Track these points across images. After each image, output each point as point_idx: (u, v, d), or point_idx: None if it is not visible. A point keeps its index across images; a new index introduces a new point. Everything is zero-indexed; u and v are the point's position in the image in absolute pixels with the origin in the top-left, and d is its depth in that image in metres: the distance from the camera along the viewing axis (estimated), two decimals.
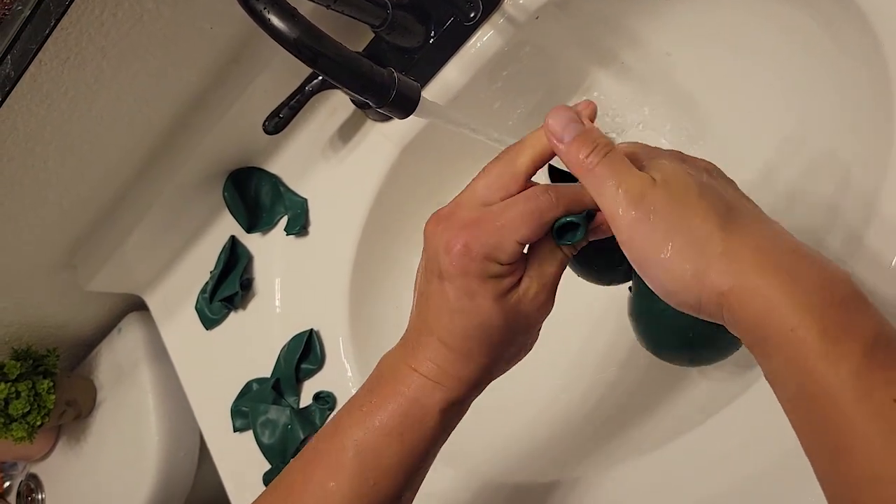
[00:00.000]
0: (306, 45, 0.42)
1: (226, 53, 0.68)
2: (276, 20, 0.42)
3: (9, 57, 0.52)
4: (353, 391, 0.66)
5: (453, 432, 0.39)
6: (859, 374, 0.27)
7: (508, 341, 0.37)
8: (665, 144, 0.64)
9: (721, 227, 0.31)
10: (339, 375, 0.68)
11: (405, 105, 0.46)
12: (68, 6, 0.51)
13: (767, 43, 0.56)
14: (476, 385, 0.38)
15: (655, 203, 0.32)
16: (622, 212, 0.32)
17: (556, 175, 0.43)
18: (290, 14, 0.42)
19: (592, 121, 0.38)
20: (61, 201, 0.74)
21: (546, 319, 0.39)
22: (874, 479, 0.26)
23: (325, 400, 0.68)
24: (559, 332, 0.62)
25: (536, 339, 0.40)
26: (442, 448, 0.39)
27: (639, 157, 0.37)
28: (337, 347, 0.69)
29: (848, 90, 0.50)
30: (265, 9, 0.42)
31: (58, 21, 0.51)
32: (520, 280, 0.36)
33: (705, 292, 0.31)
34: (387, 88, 0.44)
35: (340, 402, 0.67)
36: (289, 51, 0.42)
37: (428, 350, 0.37)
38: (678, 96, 0.64)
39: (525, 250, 0.37)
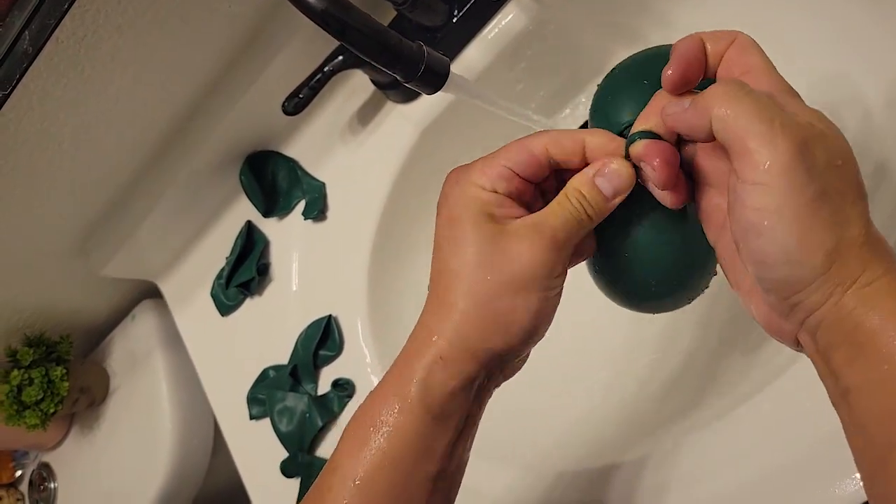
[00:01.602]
0: (334, 16, 0.41)
1: (244, 33, 0.67)
2: None
3: (26, 32, 0.51)
4: (372, 378, 0.66)
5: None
6: None
7: (495, 288, 0.32)
8: None
9: (866, 212, 0.28)
10: (358, 362, 0.67)
11: (434, 79, 0.44)
12: None
13: (804, 21, 0.55)
14: (460, 346, 0.32)
15: (816, 155, 0.28)
16: (777, 151, 0.27)
17: None
18: None
19: None
20: (75, 185, 0.73)
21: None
22: None
23: (343, 387, 0.67)
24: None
25: (548, 311, 0.34)
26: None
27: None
28: (356, 334, 0.68)
29: None
30: None
31: None
32: (515, 220, 0.33)
33: (827, 277, 0.27)
34: (416, 62, 0.43)
35: (359, 389, 0.66)
36: (316, 22, 0.41)
37: (423, 313, 0.35)
38: None
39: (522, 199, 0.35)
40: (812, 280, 0.28)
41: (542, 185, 0.36)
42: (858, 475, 0.29)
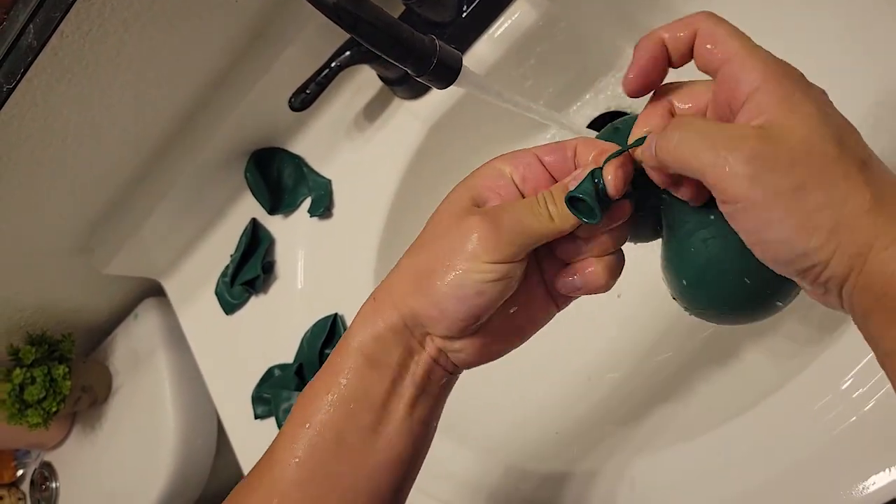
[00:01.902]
0: (346, 9, 0.40)
1: (250, 28, 0.66)
2: None
3: (31, 26, 0.50)
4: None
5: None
6: None
7: (433, 255, 0.34)
8: None
9: (870, 177, 0.28)
10: None
11: (447, 74, 0.44)
12: None
13: (820, 15, 0.54)
14: (390, 297, 0.34)
15: (777, 157, 0.27)
16: (733, 174, 0.28)
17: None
18: None
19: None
20: (78, 181, 0.72)
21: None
22: None
23: None
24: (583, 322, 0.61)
25: (469, 298, 0.33)
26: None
27: (734, 99, 0.30)
28: None
29: None
30: None
31: None
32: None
33: (840, 252, 0.27)
34: (428, 56, 0.43)
35: None
36: (327, 16, 0.41)
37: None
38: None
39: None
40: (827, 260, 0.28)
41: None
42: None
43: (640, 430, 0.54)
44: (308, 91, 0.61)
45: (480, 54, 0.62)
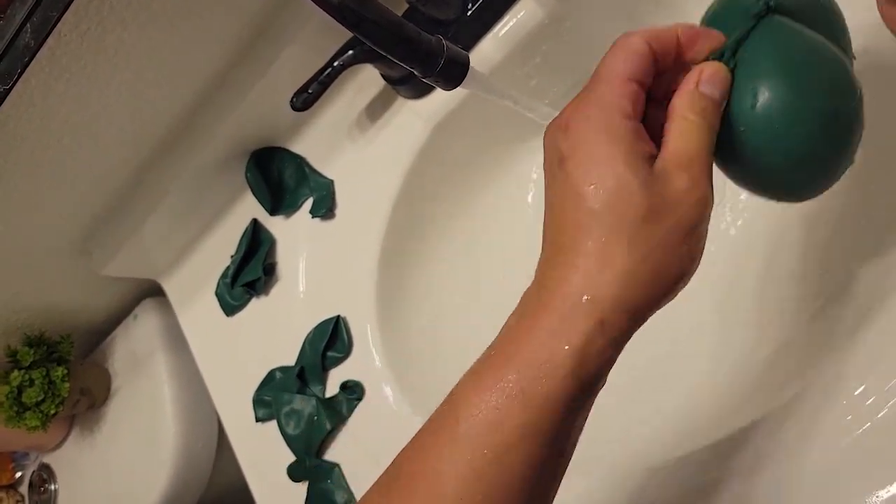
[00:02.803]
0: (350, 8, 0.39)
1: (251, 26, 0.65)
2: None
3: (28, 25, 0.49)
4: (382, 380, 0.64)
5: None
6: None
7: (658, 240, 0.29)
8: None
9: None
10: (367, 364, 0.66)
11: (454, 74, 0.43)
12: None
13: None
14: (620, 307, 0.29)
15: None
16: None
17: None
18: None
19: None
20: (77, 182, 0.72)
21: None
22: None
23: (352, 389, 0.66)
24: None
25: (700, 254, 0.31)
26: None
27: None
28: (364, 335, 0.66)
29: None
30: None
31: None
32: (654, 157, 0.30)
33: None
34: (435, 56, 0.42)
35: (369, 392, 0.65)
36: (331, 15, 0.40)
37: (556, 269, 0.30)
38: None
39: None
40: None
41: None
42: None
43: (640, 440, 0.54)
44: (310, 91, 0.61)
45: (485, 53, 0.61)
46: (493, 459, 0.29)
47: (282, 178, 0.73)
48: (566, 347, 0.29)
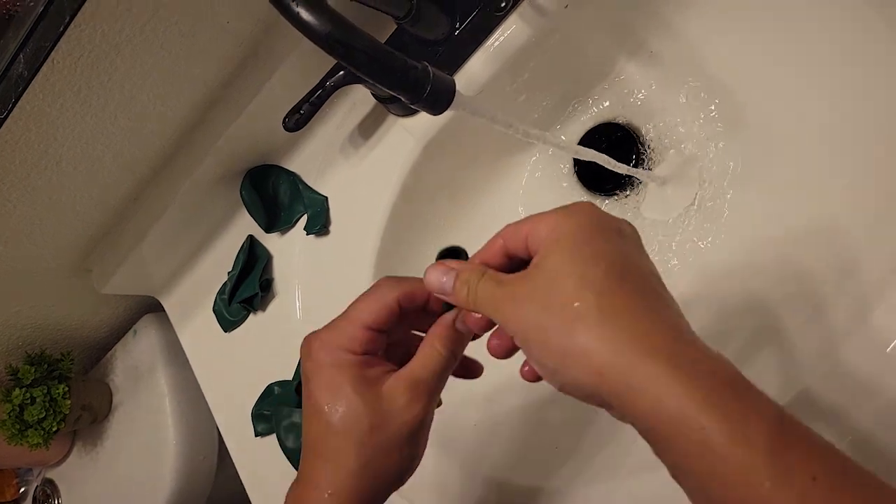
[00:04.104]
0: (338, 40, 0.40)
1: (243, 48, 0.66)
2: (305, 14, 0.39)
3: (21, 56, 0.50)
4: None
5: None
6: (773, 455, 0.25)
7: (380, 446, 0.36)
8: (698, 135, 0.61)
9: (598, 307, 0.30)
10: None
11: (440, 101, 0.44)
12: (83, 1, 0.49)
13: (809, 28, 0.54)
14: (355, 498, 0.36)
15: (524, 294, 0.32)
16: (504, 321, 0.33)
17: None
18: (320, 7, 0.40)
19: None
20: (75, 203, 0.72)
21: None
22: None
23: None
24: None
25: (419, 455, 0.39)
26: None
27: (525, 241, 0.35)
28: None
29: None
30: (293, 1, 0.40)
31: (73, 17, 0.49)
32: (388, 375, 0.38)
33: (585, 374, 0.30)
34: (421, 84, 0.43)
35: None
36: (320, 46, 0.40)
37: (306, 471, 0.37)
38: (711, 85, 0.62)
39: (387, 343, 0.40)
40: (575, 381, 0.32)
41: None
42: None
43: (618, 453, 0.54)
44: (302, 111, 0.61)
45: (474, 71, 0.61)
46: None
47: (276, 196, 0.74)
48: None
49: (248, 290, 0.73)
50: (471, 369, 0.44)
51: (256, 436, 0.72)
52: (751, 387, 0.28)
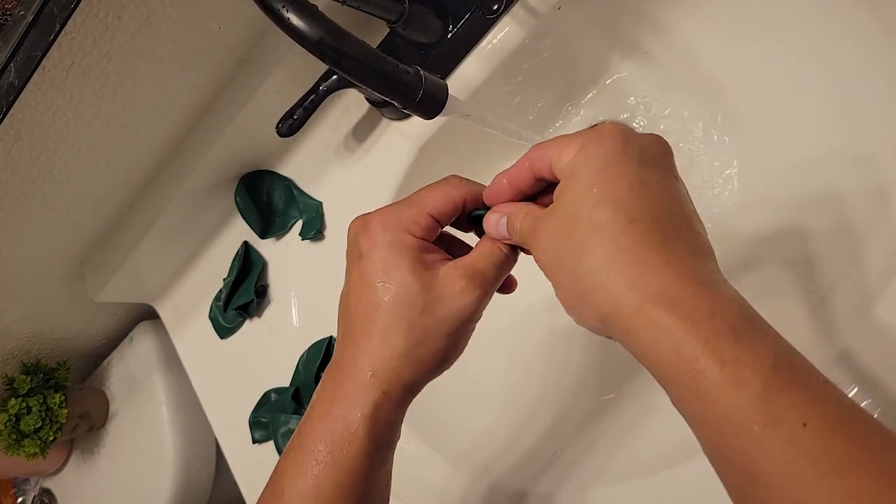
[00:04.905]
0: (330, 45, 0.40)
1: (235, 54, 0.65)
2: (296, 20, 0.39)
3: (12, 65, 0.50)
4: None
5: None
6: (763, 399, 0.25)
7: (429, 330, 0.36)
8: (692, 136, 0.61)
9: (605, 251, 0.30)
10: None
11: (432, 105, 0.43)
12: (73, 10, 0.48)
13: (803, 28, 0.54)
14: (398, 380, 0.35)
15: (546, 232, 0.33)
16: (534, 257, 0.35)
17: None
18: (310, 13, 0.39)
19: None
20: (68, 211, 0.72)
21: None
22: None
23: None
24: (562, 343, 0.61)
25: (461, 349, 0.38)
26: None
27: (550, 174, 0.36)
28: None
29: None
30: (284, 7, 0.39)
31: (63, 26, 0.49)
32: (445, 262, 0.37)
33: (592, 315, 0.31)
34: (413, 89, 0.42)
35: None
36: (311, 52, 0.40)
37: (347, 350, 0.37)
38: (705, 86, 0.61)
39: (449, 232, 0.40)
40: (586, 321, 0.34)
41: None
42: None
43: (608, 458, 0.54)
44: (295, 116, 0.61)
45: (468, 74, 0.61)
46: None
47: (271, 201, 0.74)
48: (359, 415, 0.35)
49: (243, 296, 0.73)
50: (506, 283, 0.43)
51: (254, 443, 0.72)
52: (753, 329, 0.28)
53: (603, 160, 0.32)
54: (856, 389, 0.40)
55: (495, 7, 0.57)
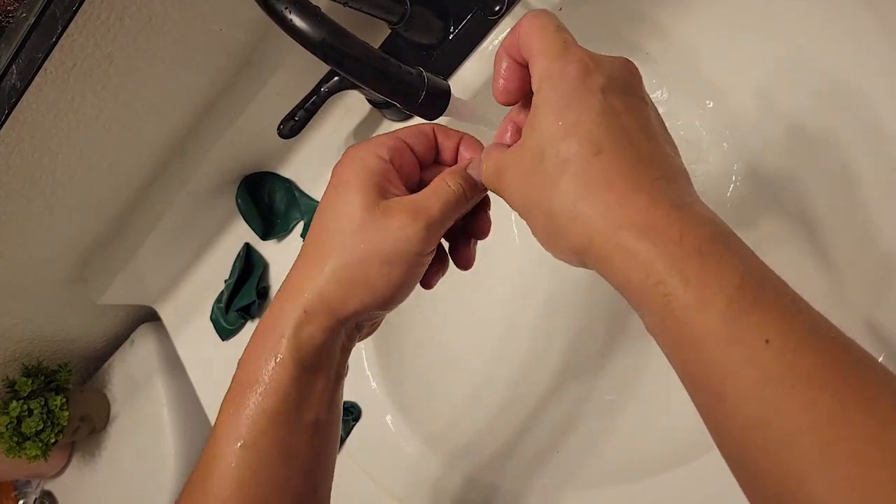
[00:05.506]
0: (332, 46, 0.40)
1: (237, 55, 0.65)
2: (298, 21, 0.39)
3: (14, 67, 0.50)
4: (377, 402, 0.65)
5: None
6: (727, 319, 0.26)
7: (365, 254, 0.35)
8: (694, 136, 0.61)
9: (574, 183, 0.30)
10: (363, 386, 0.66)
11: (435, 106, 0.43)
12: (75, 12, 0.49)
13: (803, 28, 0.54)
14: (320, 300, 0.34)
15: (515, 168, 0.33)
16: (506, 197, 0.34)
17: None
18: (313, 14, 0.39)
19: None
20: (70, 214, 0.72)
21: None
22: (751, 426, 0.25)
23: (349, 411, 0.66)
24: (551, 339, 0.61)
25: (410, 284, 0.37)
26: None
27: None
28: (360, 357, 0.67)
29: None
30: (286, 9, 0.39)
31: (65, 28, 0.49)
32: (397, 197, 0.37)
33: (569, 249, 0.31)
34: (416, 90, 0.42)
35: (365, 413, 0.65)
36: (314, 53, 0.40)
37: (291, 275, 0.37)
38: (705, 88, 0.62)
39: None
40: (563, 252, 0.33)
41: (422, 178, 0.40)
42: None
43: (586, 461, 0.54)
44: (297, 118, 0.61)
45: (468, 75, 0.61)
46: (250, 447, 0.34)
47: (272, 203, 0.74)
48: (282, 338, 0.34)
49: (245, 298, 0.73)
50: (479, 227, 0.42)
51: None
52: (722, 249, 0.28)
53: (566, 93, 0.31)
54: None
55: (497, 8, 0.57)
